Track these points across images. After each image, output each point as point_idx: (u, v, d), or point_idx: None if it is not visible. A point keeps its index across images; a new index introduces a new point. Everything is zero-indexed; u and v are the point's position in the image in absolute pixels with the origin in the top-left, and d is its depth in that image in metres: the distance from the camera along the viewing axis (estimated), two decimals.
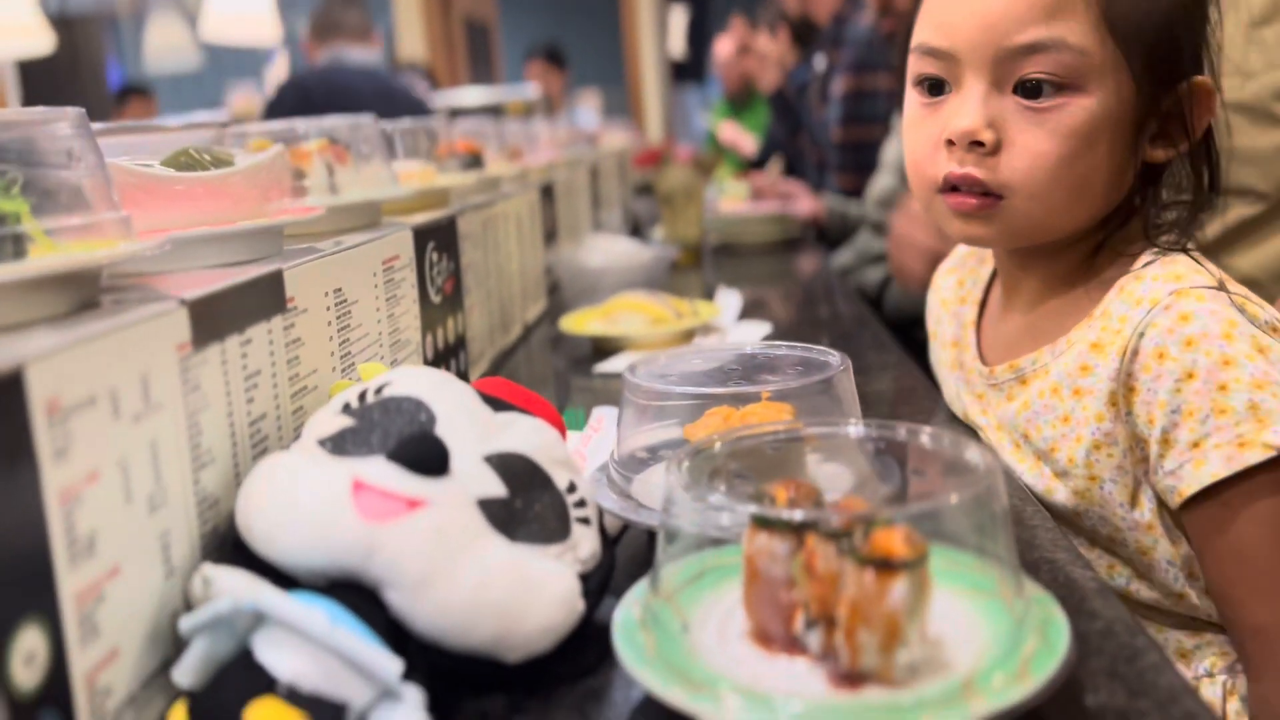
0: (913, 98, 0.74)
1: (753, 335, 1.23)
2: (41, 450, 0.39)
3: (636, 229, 2.44)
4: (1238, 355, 0.63)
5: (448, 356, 0.99)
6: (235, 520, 0.49)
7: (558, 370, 1.17)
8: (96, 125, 0.54)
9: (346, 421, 0.53)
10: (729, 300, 1.42)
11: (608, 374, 1.12)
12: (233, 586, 0.45)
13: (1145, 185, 0.73)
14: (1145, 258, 0.71)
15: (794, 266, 1.93)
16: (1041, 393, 0.74)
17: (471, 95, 4.74)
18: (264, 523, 0.47)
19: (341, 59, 2.94)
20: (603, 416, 0.89)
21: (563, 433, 0.62)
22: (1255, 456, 0.62)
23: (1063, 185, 0.69)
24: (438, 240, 0.96)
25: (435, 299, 0.95)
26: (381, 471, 0.48)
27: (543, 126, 2.19)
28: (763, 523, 0.45)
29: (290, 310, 0.62)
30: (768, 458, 0.52)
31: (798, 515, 0.44)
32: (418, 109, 3.10)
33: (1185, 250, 0.72)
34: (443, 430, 0.52)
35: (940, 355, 0.91)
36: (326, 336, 0.67)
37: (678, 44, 6.67)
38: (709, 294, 1.66)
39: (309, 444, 0.52)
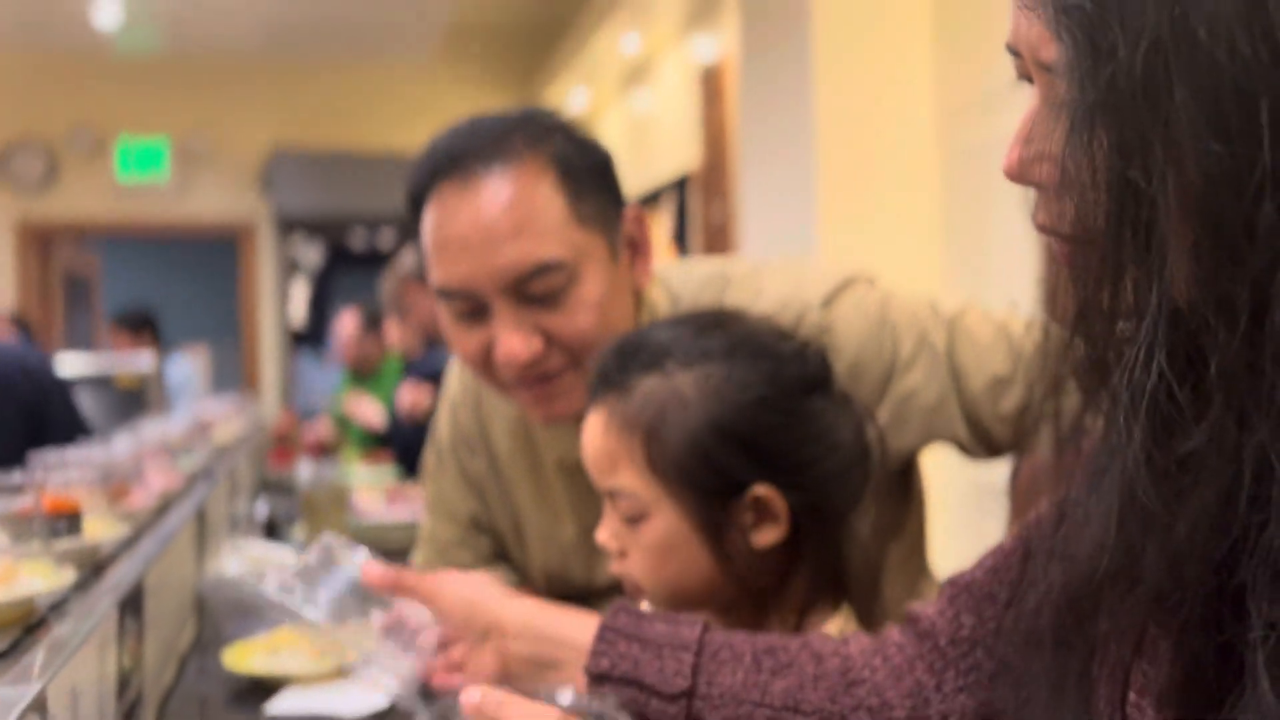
0: None
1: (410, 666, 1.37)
2: None
3: (272, 526, 2.49)
4: None
5: (131, 715, 1.05)
6: None
7: (231, 713, 1.24)
8: None
9: None
10: None
11: (279, 716, 1.21)
12: None
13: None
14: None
15: None
16: None
17: (74, 363, 4.44)
18: None
19: None
20: None
21: None
22: None
23: (665, 583, 0.88)
24: (132, 608, 1.04)
25: (127, 664, 1.02)
26: None
27: (152, 432, 2.01)
28: None
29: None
30: None
31: None
32: (49, 384, 2.95)
33: None
34: None
35: None
36: None
37: (299, 312, 6.81)
38: None
39: None
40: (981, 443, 1.12)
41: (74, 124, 6.12)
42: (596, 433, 0.88)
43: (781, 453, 0.86)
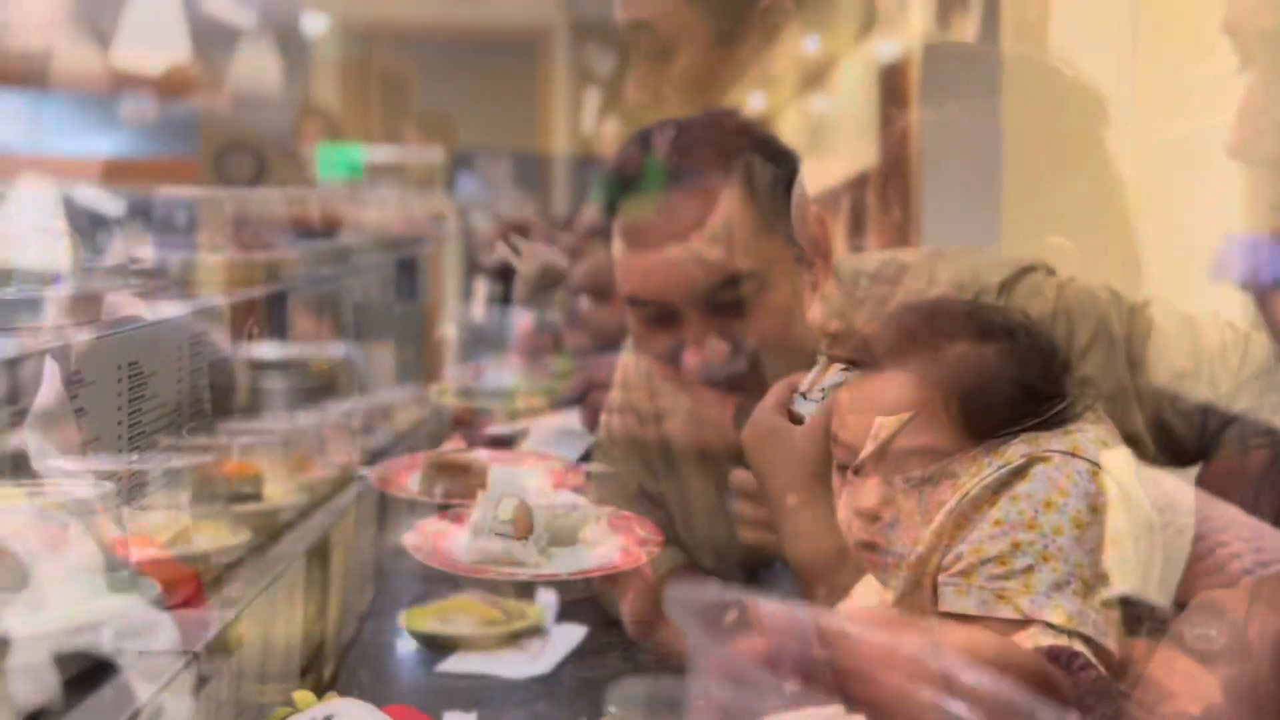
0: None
1: (574, 637, 1.40)
2: None
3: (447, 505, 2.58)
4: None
5: (314, 660, 1.11)
6: None
7: (406, 668, 1.30)
8: None
9: None
10: (549, 599, 1.59)
11: (449, 673, 1.26)
12: None
13: None
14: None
15: None
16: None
17: (270, 349, 4.75)
18: None
19: None
20: None
21: None
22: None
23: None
24: (318, 563, 1.11)
25: (312, 614, 1.08)
26: None
27: (336, 411, 1.90)
28: None
29: None
30: None
31: None
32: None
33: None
34: None
35: None
36: None
37: (480, 310, 7.06)
38: None
39: None
40: (1159, 442, 1.06)
41: (279, 129, 6.56)
42: (901, 392, 0.87)
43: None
